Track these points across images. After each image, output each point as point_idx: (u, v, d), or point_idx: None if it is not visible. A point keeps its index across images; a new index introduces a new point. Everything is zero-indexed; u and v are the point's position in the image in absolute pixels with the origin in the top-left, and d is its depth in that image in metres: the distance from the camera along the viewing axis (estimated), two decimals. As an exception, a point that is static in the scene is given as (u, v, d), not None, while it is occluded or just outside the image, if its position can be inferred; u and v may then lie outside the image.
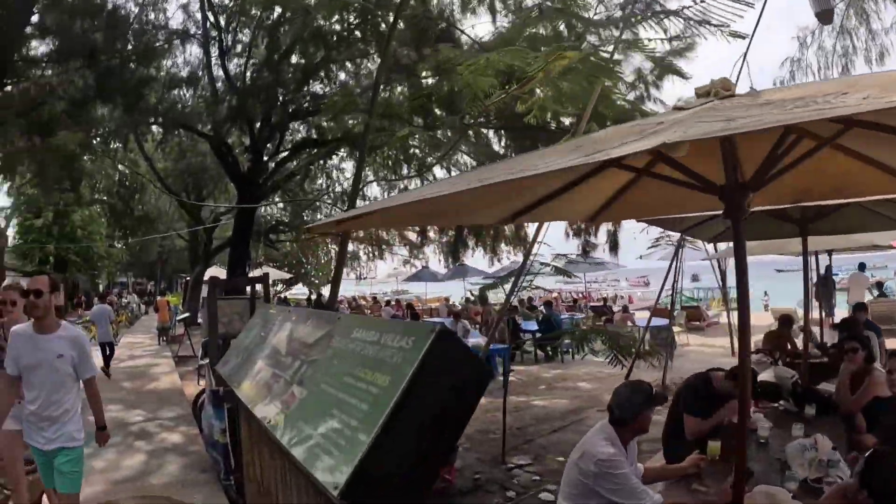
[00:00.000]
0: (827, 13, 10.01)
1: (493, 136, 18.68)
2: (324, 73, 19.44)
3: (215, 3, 20.05)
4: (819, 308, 14.08)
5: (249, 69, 20.44)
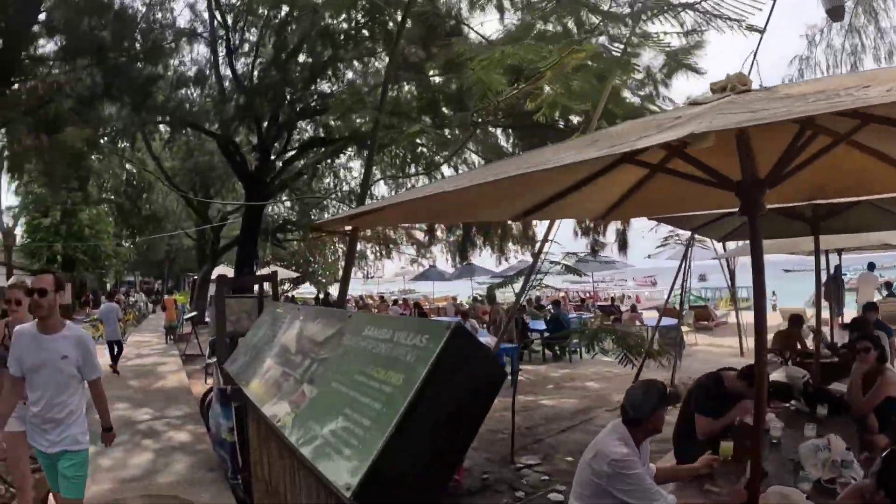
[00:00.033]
0: (838, 10, 9.94)
1: (501, 134, 18.65)
2: (331, 71, 19.45)
3: (222, 3, 20.09)
4: (829, 308, 13.99)
5: (257, 68, 20.50)
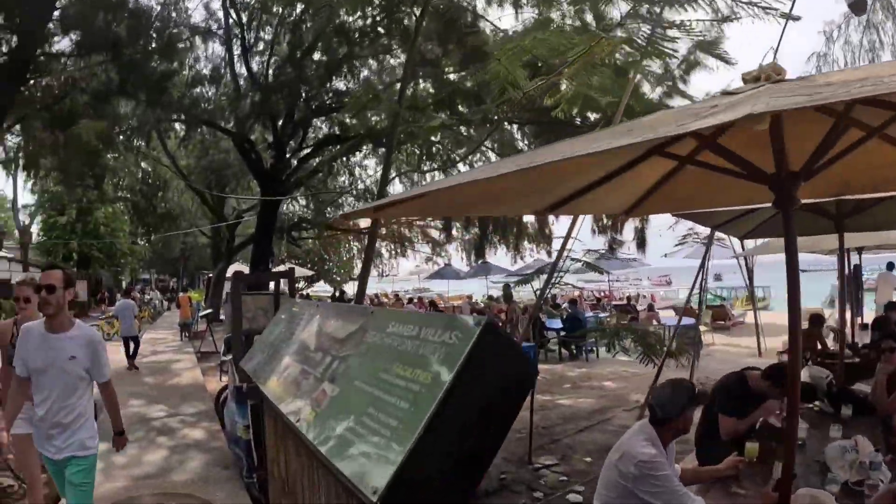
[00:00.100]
0: (860, 4, 9.79)
1: (517, 132, 18.54)
2: (347, 69, 19.39)
3: (237, 1, 20.07)
4: (851, 308, 13.81)
5: (272, 66, 20.47)
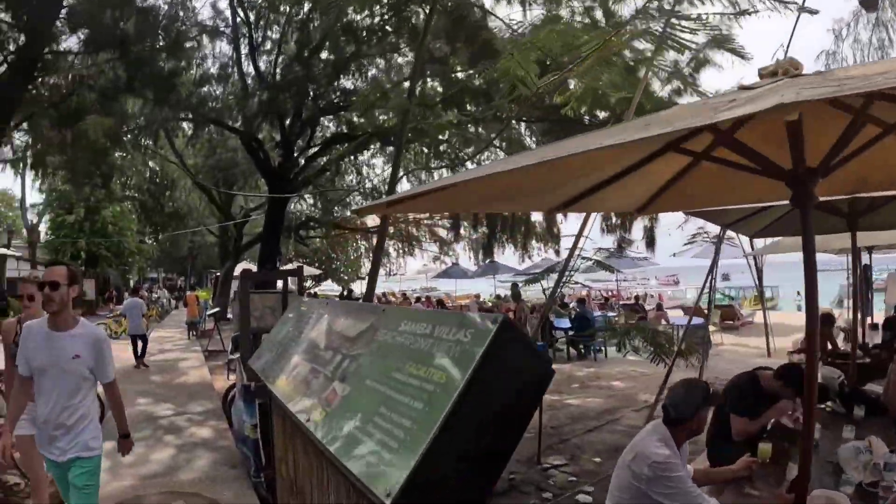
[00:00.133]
0: (871, 0, 9.71)
1: (525, 130, 18.49)
2: (354, 67, 19.35)
3: (245, 0, 20.06)
4: (861, 308, 13.73)
5: (280, 65, 20.46)
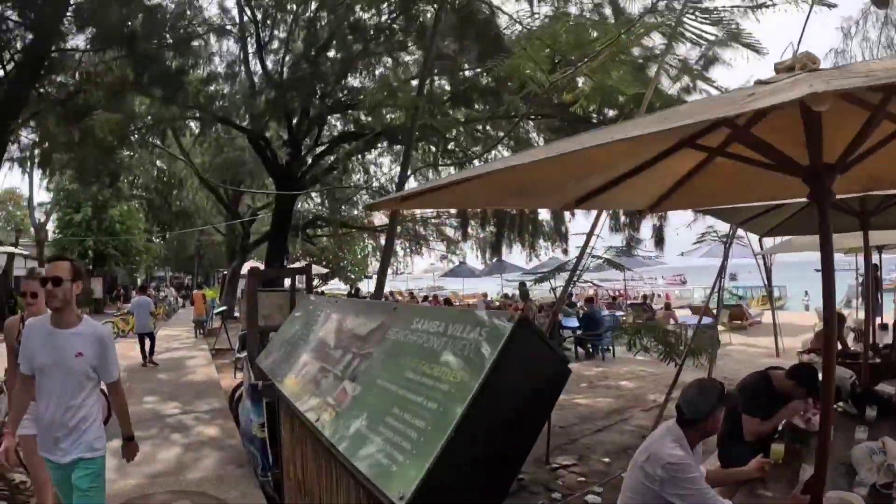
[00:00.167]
0: (884, -2, 9.62)
1: (533, 128, 18.42)
2: (362, 65, 19.30)
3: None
4: (871, 307, 13.65)
5: (287, 63, 20.41)
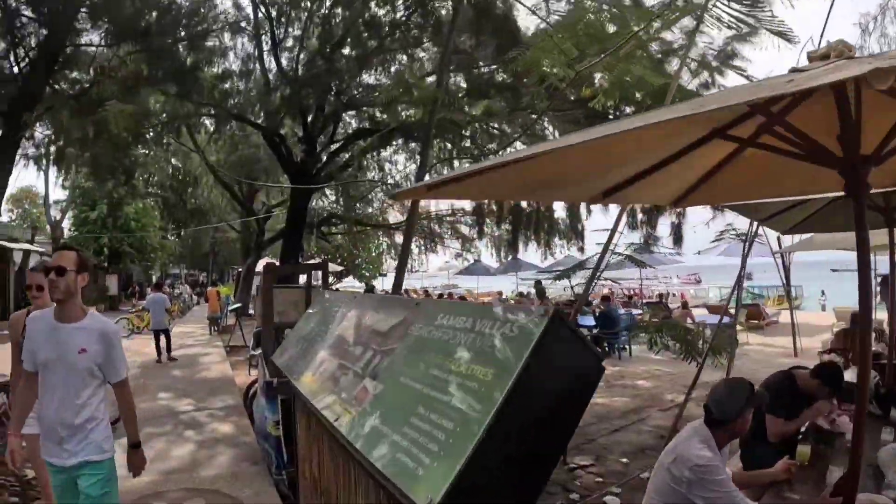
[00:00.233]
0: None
1: (548, 124, 18.31)
2: (377, 62, 19.23)
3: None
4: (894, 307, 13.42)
5: (301, 61, 20.36)
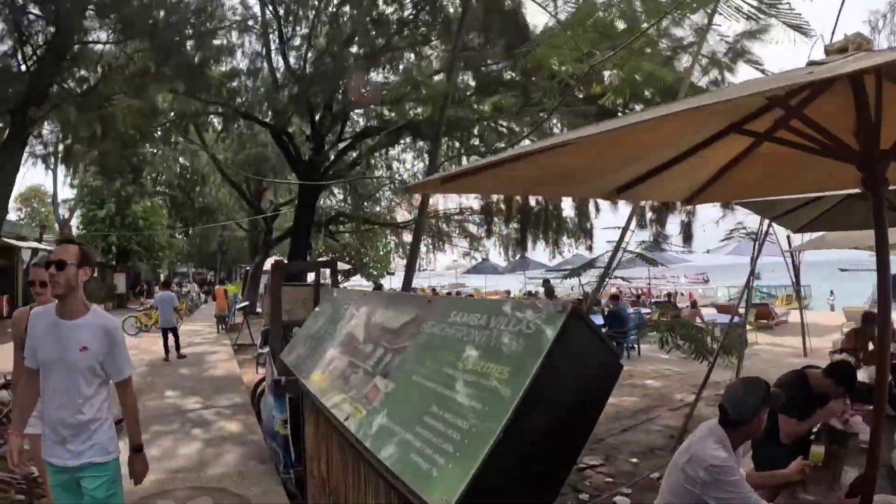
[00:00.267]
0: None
1: (557, 122, 18.24)
2: (385, 60, 19.19)
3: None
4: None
5: (309, 59, 20.34)
